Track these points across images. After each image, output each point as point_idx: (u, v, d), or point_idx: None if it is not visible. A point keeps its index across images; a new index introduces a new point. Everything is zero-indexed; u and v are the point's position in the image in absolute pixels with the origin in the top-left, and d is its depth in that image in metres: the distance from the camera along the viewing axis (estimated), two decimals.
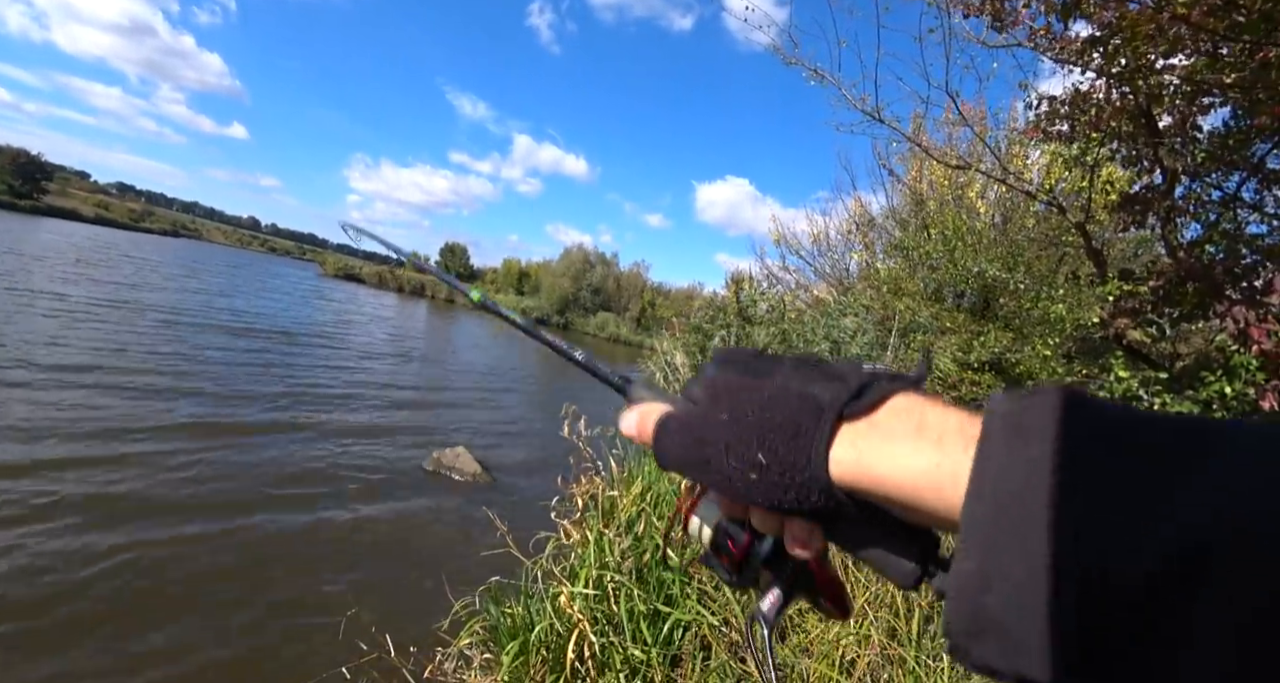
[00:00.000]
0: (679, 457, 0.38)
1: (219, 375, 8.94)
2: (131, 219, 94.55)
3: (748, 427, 0.34)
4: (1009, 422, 0.27)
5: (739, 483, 0.34)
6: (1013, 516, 0.24)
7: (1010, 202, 10.29)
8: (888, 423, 0.31)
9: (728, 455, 0.34)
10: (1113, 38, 4.79)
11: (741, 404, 0.35)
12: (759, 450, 0.33)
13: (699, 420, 0.37)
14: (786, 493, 0.33)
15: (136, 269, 24.00)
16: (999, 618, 0.24)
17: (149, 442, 5.86)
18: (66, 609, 3.45)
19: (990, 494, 0.25)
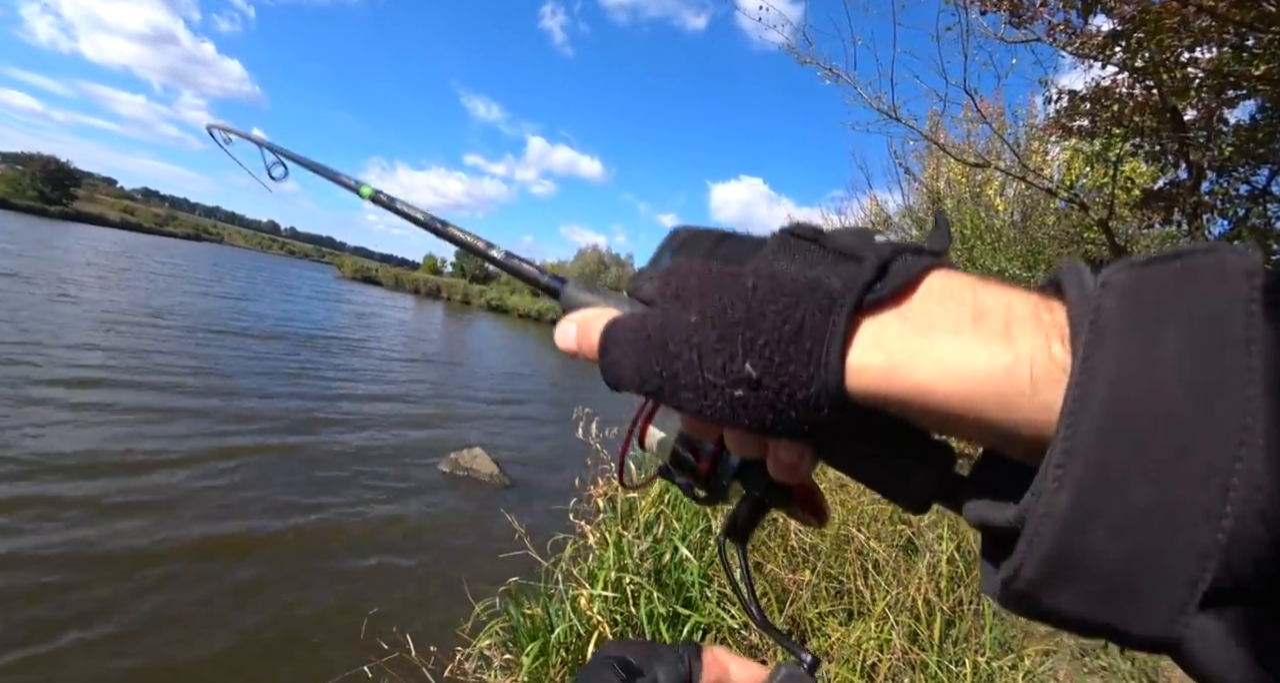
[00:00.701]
0: (635, 373, 0.28)
1: (243, 381, 9.10)
2: (156, 224, 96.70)
3: (727, 329, 0.26)
4: (1139, 301, 0.20)
5: (720, 403, 0.26)
6: (1144, 432, 0.18)
7: (1030, 199, 10.13)
8: (928, 311, 0.24)
9: (702, 368, 0.26)
10: (1135, 32, 4.71)
11: (716, 300, 0.26)
12: (746, 361, 0.25)
13: (657, 324, 0.28)
14: (784, 414, 0.25)
15: (162, 274, 24.53)
16: (1100, 561, 0.19)
17: (177, 445, 5.99)
18: (93, 596, 3.55)
19: (1106, 403, 0.19)
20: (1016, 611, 0.22)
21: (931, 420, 0.24)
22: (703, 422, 0.29)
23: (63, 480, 4.80)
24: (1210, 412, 0.18)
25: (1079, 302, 0.21)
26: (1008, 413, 0.21)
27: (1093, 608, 0.20)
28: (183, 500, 4.96)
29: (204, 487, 5.27)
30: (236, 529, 4.70)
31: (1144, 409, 0.18)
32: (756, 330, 0.25)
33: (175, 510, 4.78)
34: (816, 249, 0.26)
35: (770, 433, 0.27)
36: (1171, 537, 0.18)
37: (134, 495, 4.87)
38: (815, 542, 2.43)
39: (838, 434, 0.27)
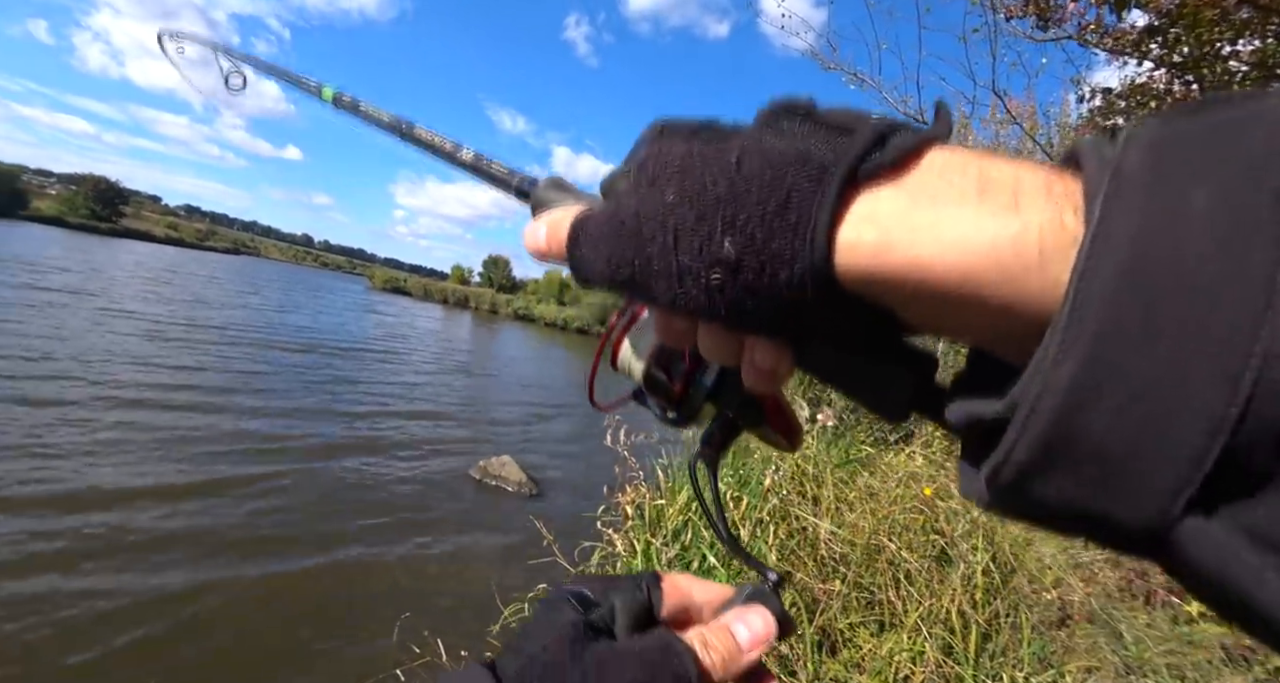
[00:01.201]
0: (605, 263, 0.27)
1: (281, 394, 9.35)
2: (197, 239, 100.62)
3: (707, 206, 0.23)
4: (1167, 155, 0.18)
5: (695, 292, 0.24)
6: (1164, 292, 0.16)
7: None
8: (928, 183, 0.21)
9: (677, 250, 0.24)
10: (1172, 26, 4.58)
11: (696, 178, 0.24)
12: (725, 237, 0.23)
13: (631, 211, 0.26)
14: (764, 300, 0.23)
15: (204, 288, 25.48)
16: (1100, 439, 0.17)
17: (223, 462, 6.20)
18: (136, 628, 3.69)
19: (1123, 263, 0.17)
20: (1001, 507, 0.21)
21: (924, 306, 0.22)
22: (676, 316, 0.28)
23: (100, 511, 4.67)
24: (1241, 268, 0.16)
25: (1098, 169, 0.19)
26: (1011, 290, 0.19)
27: (1083, 494, 0.18)
28: (224, 516, 5.13)
29: (244, 500, 5.44)
30: (271, 533, 4.83)
31: (1166, 268, 0.16)
32: (739, 206, 0.23)
33: (217, 523, 4.95)
34: (809, 124, 0.24)
35: (748, 326, 0.25)
36: (1181, 405, 0.16)
37: (180, 525, 5.04)
38: (845, 551, 2.40)
39: (818, 330, 0.25)
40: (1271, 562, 0.16)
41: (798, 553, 2.34)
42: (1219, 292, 0.16)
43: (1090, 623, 2.67)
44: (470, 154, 0.44)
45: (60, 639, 3.32)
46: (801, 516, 2.44)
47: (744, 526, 2.42)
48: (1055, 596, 2.80)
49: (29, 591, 3.62)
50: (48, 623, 3.40)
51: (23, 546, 4.01)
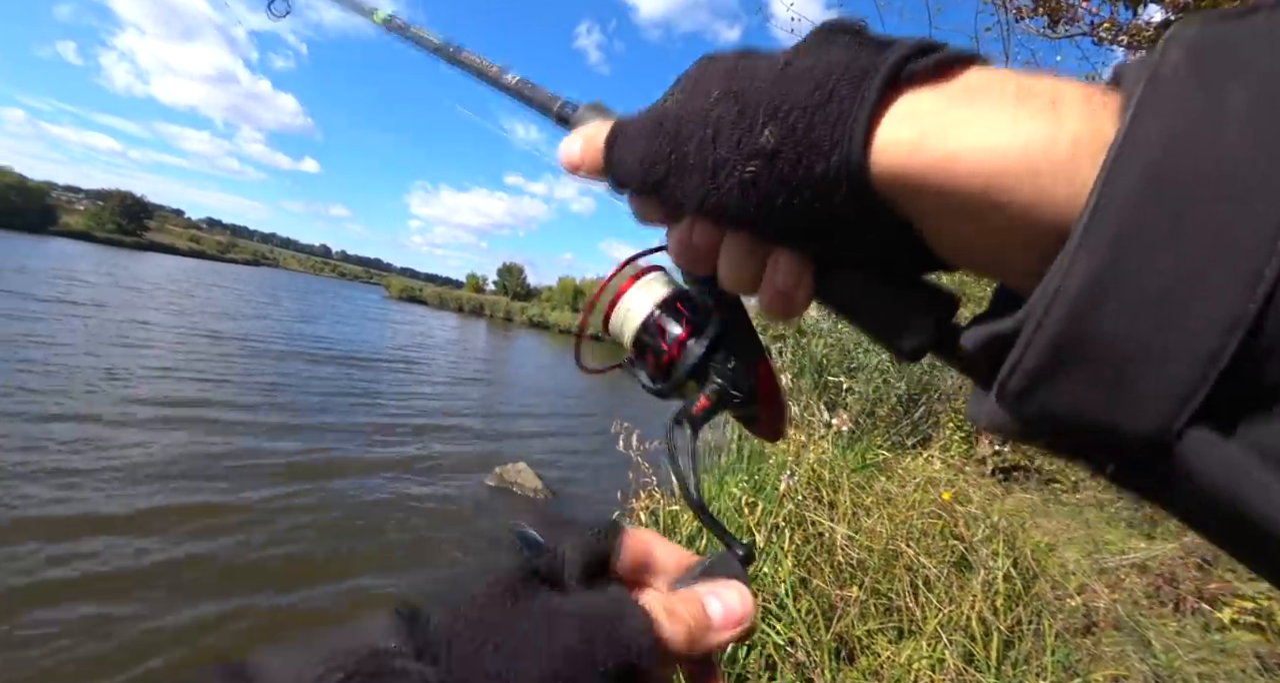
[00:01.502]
0: (639, 162, 0.27)
1: (303, 405, 9.43)
2: (219, 251, 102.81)
3: (749, 100, 0.23)
4: (1208, 56, 0.17)
5: (727, 184, 0.24)
6: (1192, 190, 0.16)
7: None
8: (968, 88, 0.21)
9: (715, 143, 0.24)
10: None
11: (741, 77, 0.24)
12: (765, 128, 0.23)
13: (673, 112, 0.26)
14: (797, 194, 0.23)
15: (226, 299, 25.99)
16: (1109, 341, 0.17)
17: (243, 479, 6.30)
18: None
19: (1152, 163, 0.16)
20: (1007, 423, 0.20)
21: (950, 212, 0.21)
22: (702, 224, 0.28)
23: (121, 534, 4.54)
24: (1276, 170, 0.15)
25: (1135, 76, 0.18)
26: (1038, 194, 0.19)
27: (1092, 399, 0.17)
28: (245, 538, 5.21)
29: (253, 500, 5.52)
30: (293, 555, 4.87)
31: (1196, 169, 0.16)
32: (782, 99, 0.23)
33: (233, 526, 5.02)
34: (857, 39, 0.24)
35: (775, 231, 0.25)
36: (1198, 303, 0.16)
37: (205, 549, 5.13)
38: (863, 557, 2.37)
39: (844, 243, 0.25)
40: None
41: (814, 559, 2.31)
42: (1250, 193, 0.15)
43: (1117, 630, 2.60)
44: (515, 79, 0.44)
45: (81, 668, 3.22)
46: (818, 521, 2.42)
47: (759, 531, 2.41)
48: (1080, 602, 2.74)
49: (49, 618, 3.49)
50: (65, 651, 3.31)
51: (41, 571, 3.90)
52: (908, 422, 5.93)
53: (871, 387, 5.86)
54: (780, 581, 2.09)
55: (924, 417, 6.06)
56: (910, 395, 6.19)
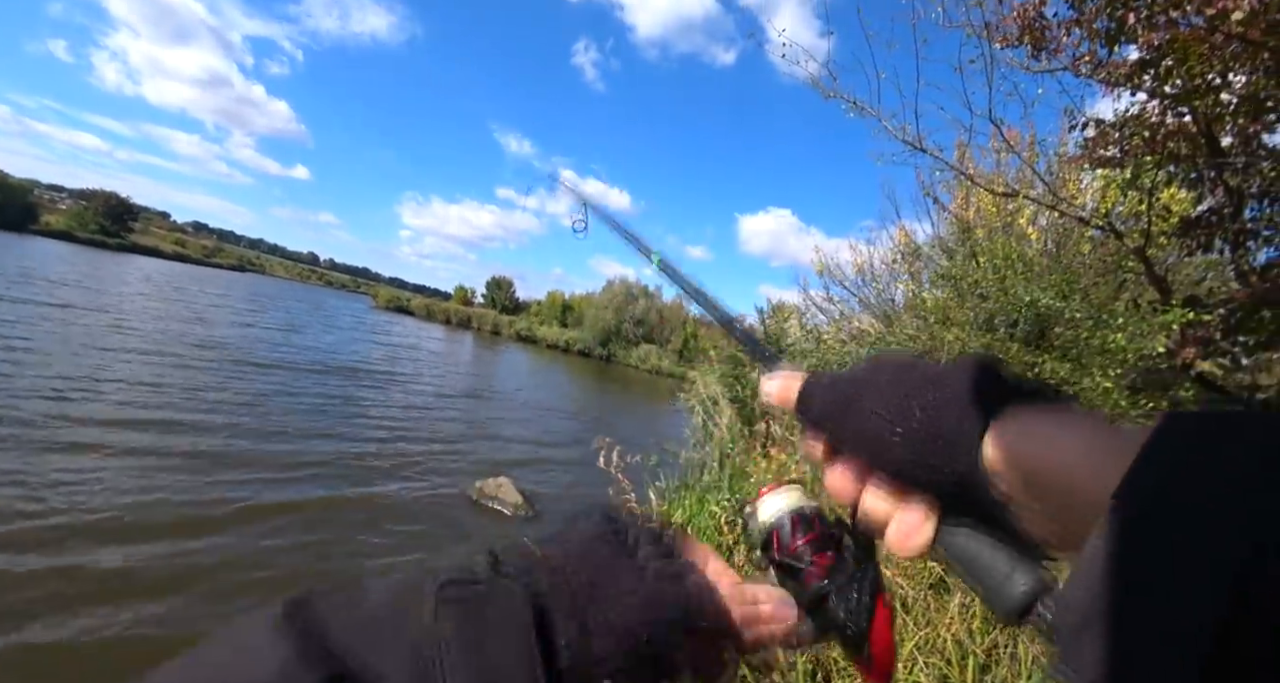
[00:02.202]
0: (822, 405, 0.37)
1: (284, 417, 9.26)
2: (204, 255, 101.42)
3: (910, 384, 0.33)
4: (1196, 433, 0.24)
5: (878, 435, 0.33)
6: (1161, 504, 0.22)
7: (1063, 227, 9.92)
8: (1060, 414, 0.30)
9: (878, 405, 0.33)
10: (1163, 59, 4.66)
11: (909, 371, 0.35)
12: (916, 404, 0.32)
13: (853, 377, 0.37)
14: (928, 452, 0.31)
15: (210, 305, 25.60)
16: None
17: (223, 493, 6.15)
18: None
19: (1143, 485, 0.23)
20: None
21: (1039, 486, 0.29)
22: (855, 458, 0.36)
23: (95, 545, 4.38)
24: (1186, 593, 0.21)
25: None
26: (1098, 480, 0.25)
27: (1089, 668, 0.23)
28: (225, 551, 5.07)
29: (244, 527, 5.38)
30: (249, 553, 4.75)
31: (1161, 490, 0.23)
32: (931, 389, 0.33)
33: (202, 529, 4.88)
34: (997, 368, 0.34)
35: (909, 476, 0.33)
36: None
37: (176, 557, 4.98)
38: None
39: (959, 505, 0.33)
40: None
41: None
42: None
43: None
44: (745, 325, 0.57)
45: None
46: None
47: (738, 550, 2.39)
48: None
49: (24, 641, 3.34)
50: (45, 674, 3.20)
51: (17, 591, 3.70)
52: None
53: None
54: None
55: None
56: None
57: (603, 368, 39.61)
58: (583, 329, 49.19)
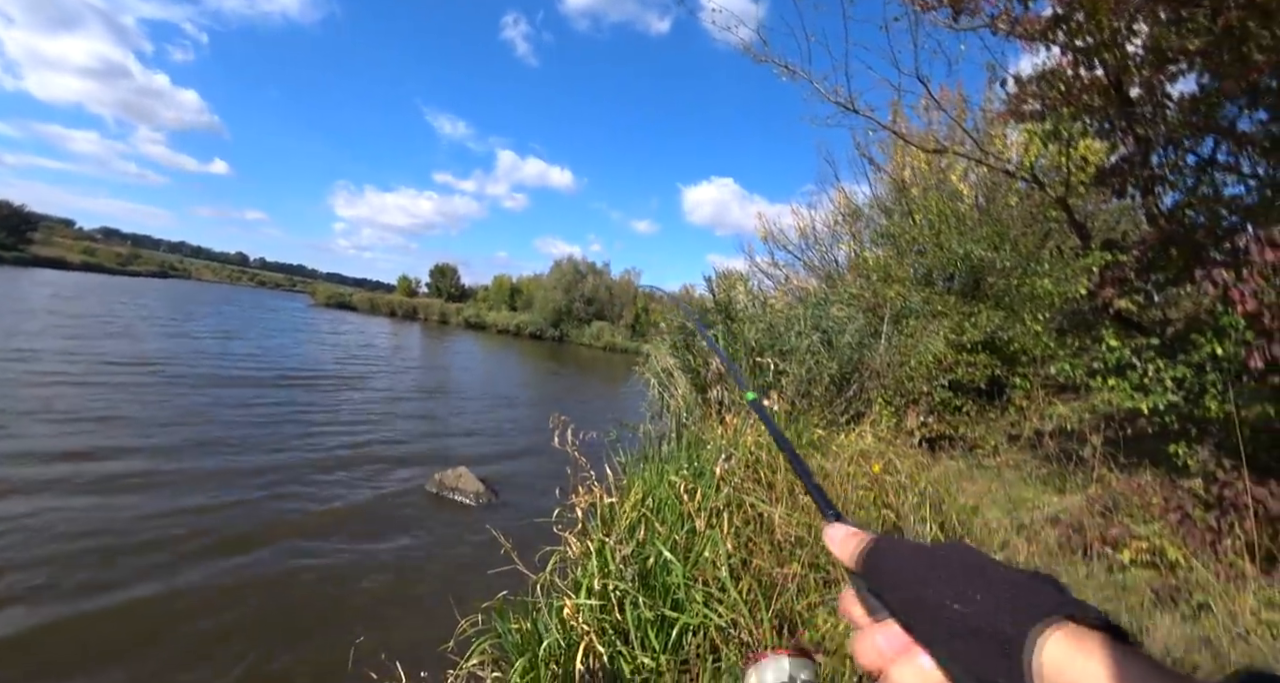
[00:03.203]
0: (885, 566, 0.38)
1: (227, 432, 8.85)
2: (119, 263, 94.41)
3: (985, 572, 0.35)
4: None
5: (931, 608, 0.34)
6: None
7: (992, 182, 10.36)
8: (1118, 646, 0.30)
9: (940, 581, 0.35)
10: (1074, 14, 4.84)
11: (985, 561, 0.36)
12: (983, 592, 0.33)
13: (930, 549, 0.38)
14: (974, 636, 0.32)
15: (126, 317, 23.92)
16: None
17: (162, 493, 5.82)
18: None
19: None
20: None
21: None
22: (914, 628, 0.36)
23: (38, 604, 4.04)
24: None
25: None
26: None
27: None
28: (170, 541, 4.81)
29: (193, 525, 5.12)
30: (221, 568, 4.56)
31: None
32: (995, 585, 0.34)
33: (162, 551, 4.63)
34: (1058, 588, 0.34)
35: (958, 654, 0.33)
36: None
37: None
38: (801, 534, 2.42)
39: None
40: None
41: (754, 540, 2.34)
42: None
43: None
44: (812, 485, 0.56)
45: None
46: (756, 502, 2.44)
47: (699, 517, 2.42)
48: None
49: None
50: None
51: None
52: (841, 400, 6.15)
53: (804, 368, 6.02)
54: (720, 564, 2.10)
55: (856, 394, 6.30)
56: (843, 375, 6.42)
57: (556, 349, 39.32)
58: (533, 311, 48.60)
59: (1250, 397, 3.21)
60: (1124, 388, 3.72)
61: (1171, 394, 3.56)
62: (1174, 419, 3.62)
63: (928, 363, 6.93)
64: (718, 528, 2.24)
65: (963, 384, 7.36)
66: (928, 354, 6.92)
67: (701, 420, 4.65)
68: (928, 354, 6.92)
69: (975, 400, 7.41)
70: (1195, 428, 3.51)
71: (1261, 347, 2.97)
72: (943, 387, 7.03)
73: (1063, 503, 3.52)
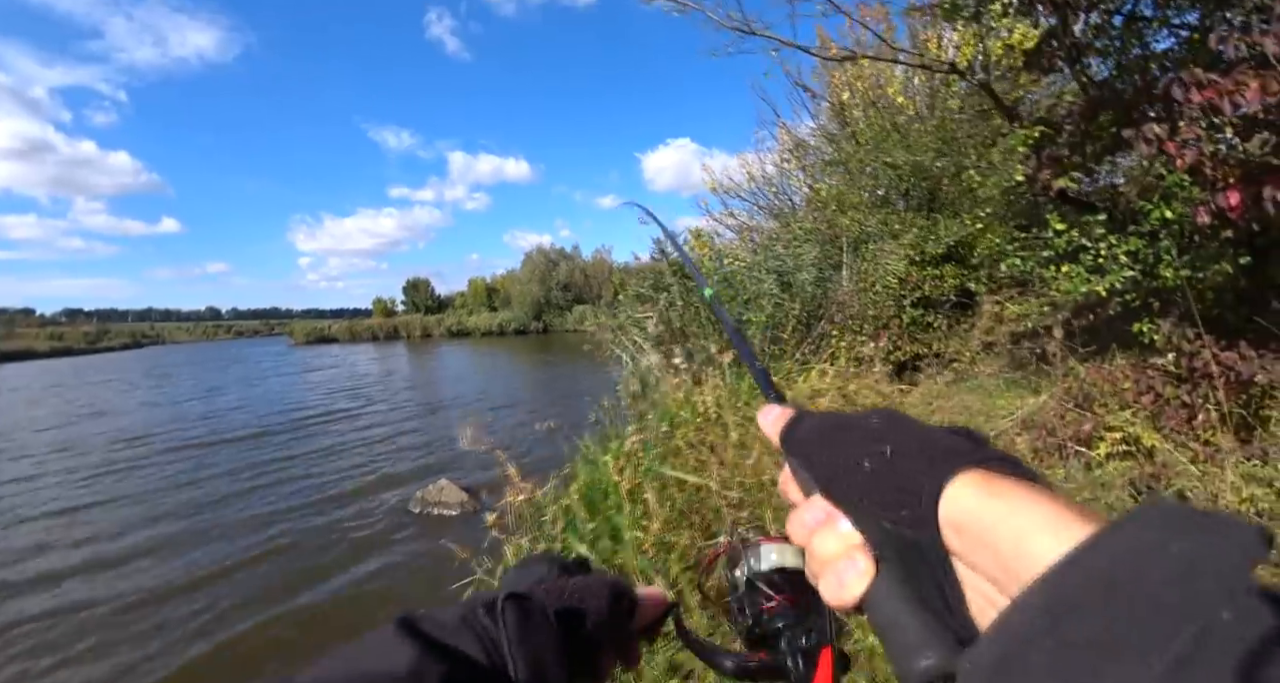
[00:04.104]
0: (805, 432, 0.39)
1: (221, 497, 8.51)
2: (88, 342, 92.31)
3: (895, 428, 0.34)
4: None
5: (846, 469, 0.34)
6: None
7: (931, 89, 10.02)
8: (1030, 484, 0.29)
9: (854, 443, 0.34)
10: None
11: (899, 420, 0.35)
12: (891, 444, 0.33)
13: (844, 415, 0.37)
14: (888, 491, 0.32)
15: (103, 396, 23.35)
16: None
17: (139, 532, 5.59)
18: None
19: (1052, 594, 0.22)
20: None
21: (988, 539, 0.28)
22: (824, 487, 0.36)
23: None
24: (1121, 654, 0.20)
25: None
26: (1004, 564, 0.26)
27: None
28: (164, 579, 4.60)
29: (192, 558, 4.91)
30: (202, 603, 4.39)
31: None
32: (910, 435, 0.34)
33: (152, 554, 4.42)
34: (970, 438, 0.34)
35: (864, 511, 0.33)
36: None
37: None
38: (742, 496, 2.22)
39: (908, 547, 0.31)
40: None
41: (688, 514, 2.13)
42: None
43: None
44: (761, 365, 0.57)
45: None
46: (680, 477, 2.22)
47: (628, 502, 2.20)
48: None
49: None
50: None
51: None
52: (810, 340, 5.94)
53: (765, 314, 5.80)
54: (643, 550, 1.89)
55: (824, 333, 6.09)
56: (808, 313, 6.20)
57: (542, 341, 39.01)
58: (512, 308, 48.17)
59: (1207, 258, 3.00)
60: (1079, 273, 3.51)
61: (1128, 270, 3.35)
62: (1135, 296, 3.42)
63: (892, 285, 6.72)
64: (632, 509, 2.02)
65: (933, 300, 7.17)
66: (890, 276, 6.70)
67: (662, 388, 4.42)
68: (890, 276, 6.70)
69: (949, 315, 7.22)
70: (1157, 301, 3.31)
71: (1207, 201, 2.74)
72: (911, 306, 6.83)
73: (1030, 404, 3.33)
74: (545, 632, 0.38)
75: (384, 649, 0.35)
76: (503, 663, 0.36)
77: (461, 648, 0.36)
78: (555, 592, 0.43)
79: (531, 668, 0.36)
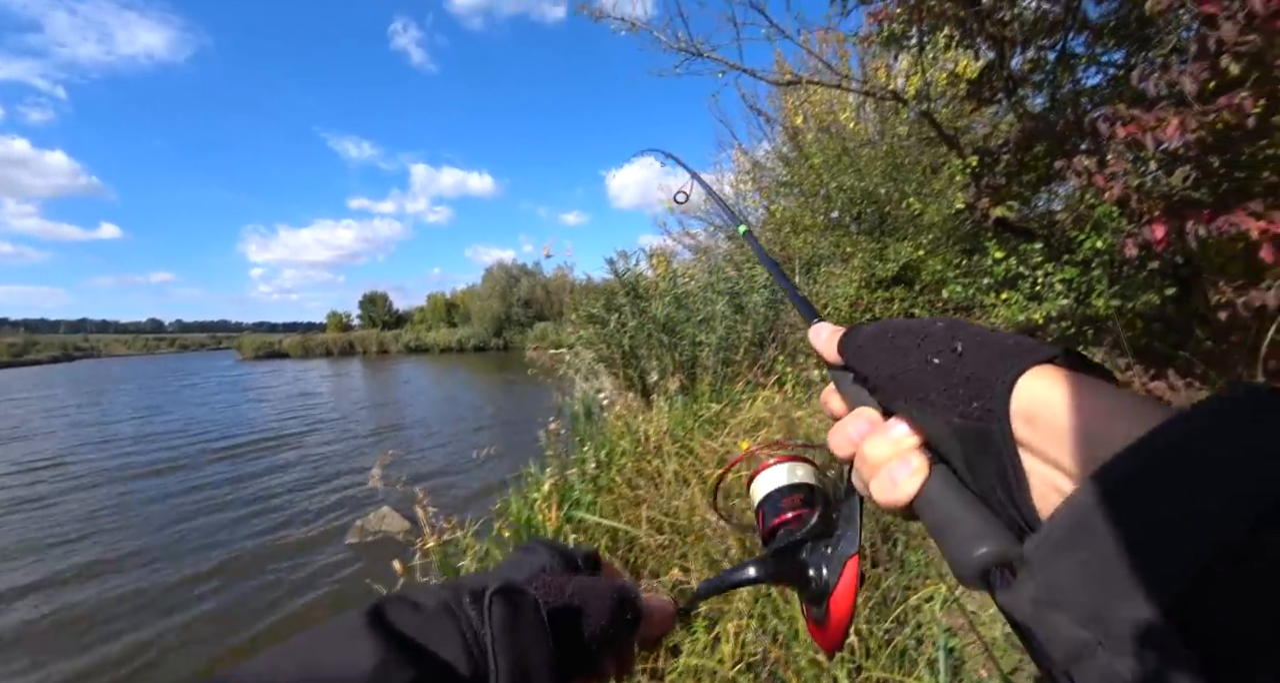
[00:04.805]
0: (863, 341, 0.38)
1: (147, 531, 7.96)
2: (12, 355, 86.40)
3: (960, 329, 0.33)
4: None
5: (913, 368, 0.33)
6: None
7: (881, 115, 10.31)
8: (1101, 379, 0.28)
9: (921, 344, 0.34)
10: None
11: (963, 324, 0.34)
12: (960, 341, 0.32)
13: (905, 321, 0.37)
14: (959, 384, 0.31)
15: (19, 412, 21.73)
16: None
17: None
18: None
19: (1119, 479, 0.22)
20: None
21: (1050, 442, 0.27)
22: (888, 384, 0.35)
23: None
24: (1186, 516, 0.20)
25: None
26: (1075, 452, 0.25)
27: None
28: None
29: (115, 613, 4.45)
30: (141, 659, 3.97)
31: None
32: (976, 335, 0.33)
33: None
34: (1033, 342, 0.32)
35: (935, 402, 0.32)
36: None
37: None
38: (674, 540, 2.09)
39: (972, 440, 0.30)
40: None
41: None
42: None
43: None
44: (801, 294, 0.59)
45: None
46: (599, 520, 2.09)
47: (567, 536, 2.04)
48: None
49: None
50: None
51: None
52: (762, 363, 5.90)
53: (717, 336, 5.74)
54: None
55: (777, 354, 6.07)
56: (759, 335, 6.17)
57: (502, 359, 38.33)
58: (472, 324, 47.34)
59: (1135, 287, 3.08)
60: (1018, 300, 3.55)
61: (1063, 298, 3.41)
62: (1070, 324, 3.48)
63: (842, 308, 6.78)
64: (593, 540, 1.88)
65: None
66: (840, 299, 6.76)
67: (606, 414, 4.28)
68: (840, 299, 6.76)
69: None
70: (1091, 329, 3.37)
71: (1135, 233, 2.80)
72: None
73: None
74: (535, 633, 0.35)
75: (345, 645, 0.31)
76: (484, 661, 0.33)
77: (434, 648, 0.33)
78: (554, 589, 0.39)
79: (513, 673, 0.33)
